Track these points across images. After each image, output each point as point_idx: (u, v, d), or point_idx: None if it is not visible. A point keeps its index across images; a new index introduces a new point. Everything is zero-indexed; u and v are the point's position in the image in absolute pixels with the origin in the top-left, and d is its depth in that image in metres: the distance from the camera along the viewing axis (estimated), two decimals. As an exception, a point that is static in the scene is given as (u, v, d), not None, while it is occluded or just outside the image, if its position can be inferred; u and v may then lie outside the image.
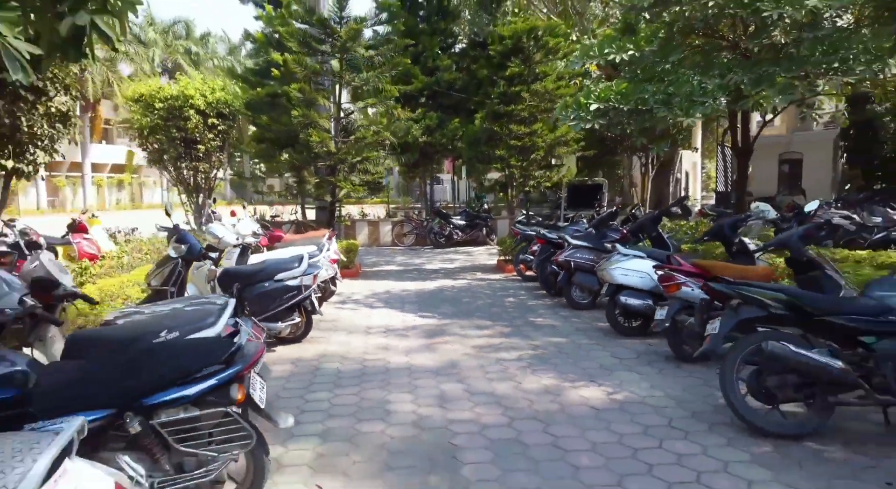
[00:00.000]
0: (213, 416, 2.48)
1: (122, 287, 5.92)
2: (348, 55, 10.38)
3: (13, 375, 2.27)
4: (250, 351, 2.65)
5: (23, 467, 1.49)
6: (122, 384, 2.36)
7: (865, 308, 3.47)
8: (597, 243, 7.31)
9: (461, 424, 3.85)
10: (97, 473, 1.72)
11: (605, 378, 4.72)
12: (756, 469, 3.14)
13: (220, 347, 2.55)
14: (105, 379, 2.40)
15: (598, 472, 3.16)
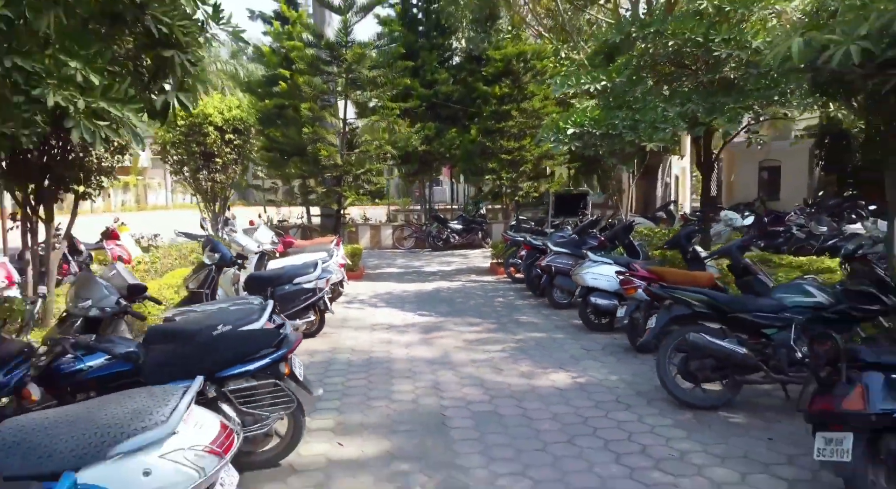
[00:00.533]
0: (266, 386, 3.41)
1: (159, 290, 6.84)
2: (353, 74, 11.31)
3: (130, 354, 3.22)
4: (292, 339, 3.58)
5: (172, 404, 2.42)
6: (202, 361, 3.29)
7: (766, 306, 4.41)
8: (574, 250, 8.24)
9: (451, 401, 4.79)
10: (209, 415, 2.65)
11: (572, 365, 5.66)
12: (675, 430, 4.08)
13: (272, 336, 3.49)
14: (190, 357, 3.33)
15: (555, 433, 4.10)
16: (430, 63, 16.57)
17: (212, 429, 2.54)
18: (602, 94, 7.89)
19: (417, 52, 16.73)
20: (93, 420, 2.31)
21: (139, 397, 2.48)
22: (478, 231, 16.69)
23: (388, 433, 4.17)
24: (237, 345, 3.44)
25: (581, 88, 7.90)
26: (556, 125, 7.79)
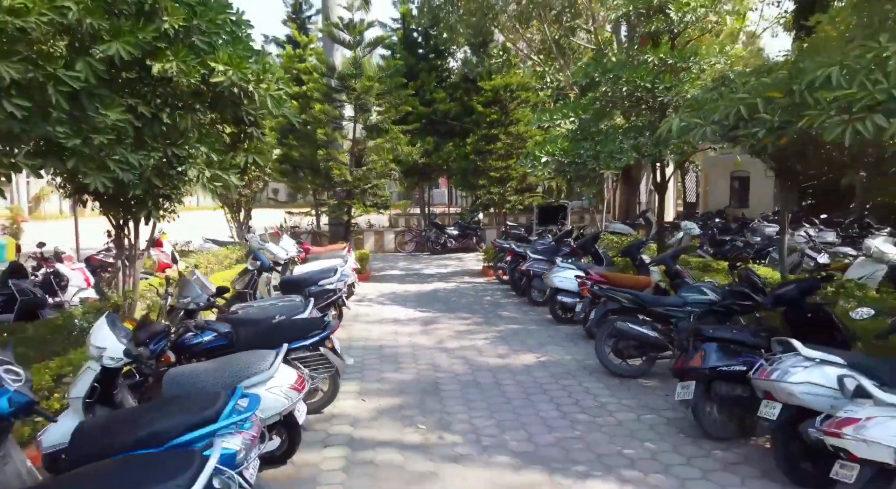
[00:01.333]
0: (315, 356, 4.99)
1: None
2: (362, 101, 12.91)
3: (227, 333, 4.81)
4: (332, 324, 5.17)
5: (270, 360, 4.01)
6: (276, 338, 4.86)
7: (673, 302, 6.01)
8: (549, 256, 9.84)
9: (443, 373, 6.38)
10: (290, 369, 4.23)
11: (538, 349, 7.26)
12: (603, 391, 5.68)
13: (319, 322, 5.08)
14: (266, 335, 4.91)
15: (517, 393, 5.69)
16: (429, 83, 18.20)
17: (292, 377, 4.12)
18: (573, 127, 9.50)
19: (417, 73, 18.35)
20: (229, 368, 3.90)
21: (251, 357, 4.08)
22: (472, 236, 18.31)
23: (397, 393, 5.76)
24: (297, 327, 5.03)
25: (554, 122, 9.51)
26: (533, 154, 9.39)
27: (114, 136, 3.68)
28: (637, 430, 4.75)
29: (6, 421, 2.96)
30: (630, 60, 8.84)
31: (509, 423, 4.97)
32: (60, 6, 3.18)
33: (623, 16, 9.44)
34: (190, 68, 3.94)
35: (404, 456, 4.40)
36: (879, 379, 3.39)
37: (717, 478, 3.95)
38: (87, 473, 2.63)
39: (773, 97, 4.50)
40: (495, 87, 13.52)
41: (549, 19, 15.77)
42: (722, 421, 4.44)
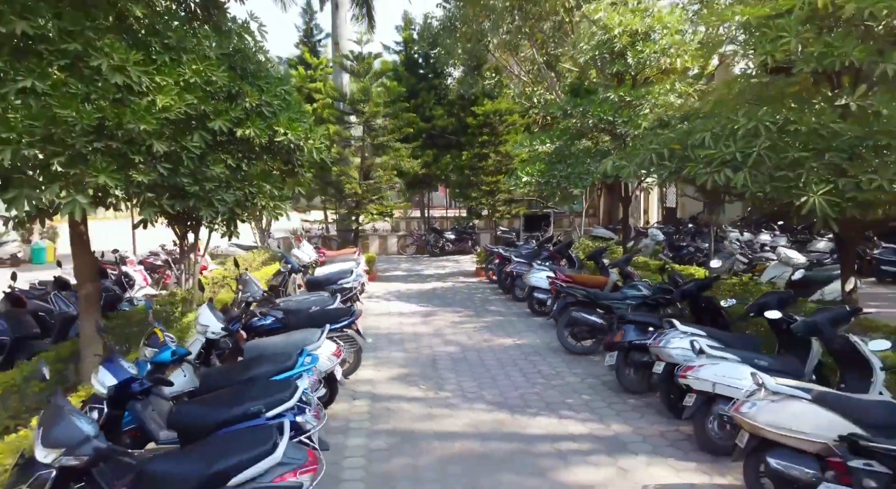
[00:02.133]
0: (345, 335, 6.77)
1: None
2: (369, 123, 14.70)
3: (282, 318, 6.60)
4: (357, 312, 6.95)
5: (318, 335, 5.78)
6: (318, 320, 6.64)
7: (616, 297, 7.80)
8: (530, 260, 11.61)
9: (439, 353, 8.16)
10: (330, 342, 6.00)
11: (516, 335, 9.03)
12: (560, 364, 7.46)
13: (348, 310, 6.85)
14: (310, 319, 6.69)
15: (495, 366, 7.46)
16: (429, 101, 20.01)
17: (332, 347, 5.90)
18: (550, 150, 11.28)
19: (418, 91, 20.17)
20: (291, 340, 5.68)
21: (305, 333, 5.85)
22: (468, 240, 20.10)
23: (403, 366, 7.54)
24: (332, 314, 6.80)
25: (533, 147, 11.30)
26: (516, 174, 11.18)
27: (216, 183, 5.42)
28: (579, 388, 6.53)
29: (164, 367, 4.75)
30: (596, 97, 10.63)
31: (487, 384, 6.75)
32: (190, 102, 4.91)
33: (591, 58, 11.19)
34: (261, 132, 5.67)
35: (410, 405, 6.18)
36: (725, 344, 5.19)
37: (626, 415, 5.72)
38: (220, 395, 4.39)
39: (674, 148, 6.28)
40: (486, 111, 15.33)
41: (536, 46, 17.54)
42: (635, 379, 6.22)
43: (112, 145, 4.64)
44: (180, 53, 5.29)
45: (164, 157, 4.92)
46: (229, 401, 4.11)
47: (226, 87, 5.47)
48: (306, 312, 7.03)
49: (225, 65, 5.57)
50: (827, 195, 4.97)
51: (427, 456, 4.95)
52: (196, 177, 5.32)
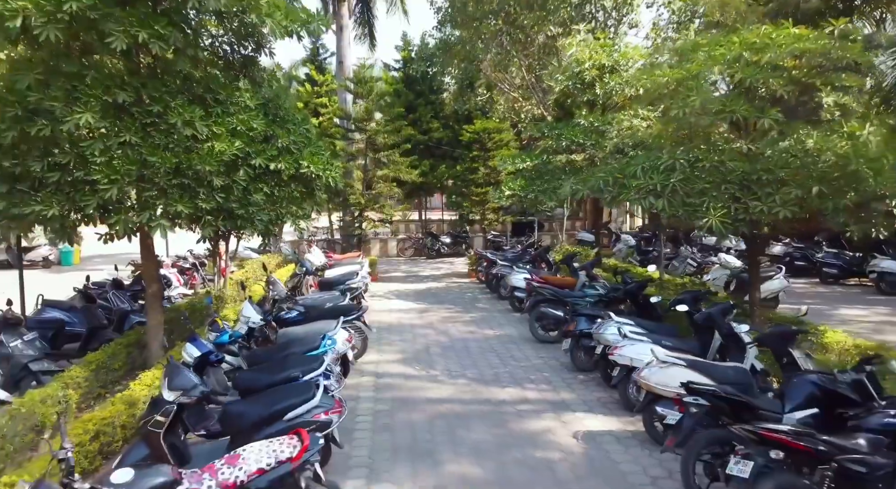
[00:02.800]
0: (355, 326, 8.36)
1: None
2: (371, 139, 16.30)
3: (303, 312, 8.20)
4: (364, 307, 8.53)
5: (334, 325, 7.37)
6: (331, 314, 8.22)
7: (577, 295, 9.39)
8: (513, 263, 13.19)
9: (431, 341, 9.75)
10: (344, 331, 7.58)
11: (497, 328, 10.62)
12: (529, 349, 9.05)
13: (357, 306, 8.44)
14: (326, 313, 8.27)
15: (477, 352, 9.05)
16: (426, 115, 21.61)
17: (346, 334, 7.48)
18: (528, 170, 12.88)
19: (416, 106, 21.77)
20: (314, 329, 7.26)
21: (324, 324, 7.43)
22: (462, 243, 21.72)
23: (401, 351, 9.13)
24: (344, 308, 8.38)
25: (515, 165, 12.89)
26: (499, 189, 12.76)
27: (257, 207, 6.98)
28: (541, 368, 8.13)
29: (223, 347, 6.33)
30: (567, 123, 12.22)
31: (468, 366, 8.34)
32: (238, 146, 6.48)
33: (564, 88, 12.77)
34: (290, 165, 7.24)
35: (406, 380, 7.77)
36: (648, 331, 6.78)
37: (574, 386, 7.30)
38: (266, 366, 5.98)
39: (617, 177, 7.87)
40: (476, 129, 16.96)
41: (524, 66, 19.14)
42: (584, 360, 7.80)
43: (185, 182, 6.23)
44: (228, 105, 6.90)
45: (220, 188, 6.50)
46: (274, 370, 5.69)
47: (263, 131, 7.05)
48: (323, 308, 8.61)
49: (261, 112, 7.18)
50: (722, 217, 6.57)
51: (419, 414, 6.54)
52: (242, 202, 6.89)
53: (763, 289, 10.40)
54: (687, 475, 4.32)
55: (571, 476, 5.01)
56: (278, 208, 7.56)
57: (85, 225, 6.57)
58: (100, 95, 5.84)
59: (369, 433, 6.04)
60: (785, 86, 6.72)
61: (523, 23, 17.22)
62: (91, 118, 5.70)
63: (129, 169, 5.87)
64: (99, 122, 5.81)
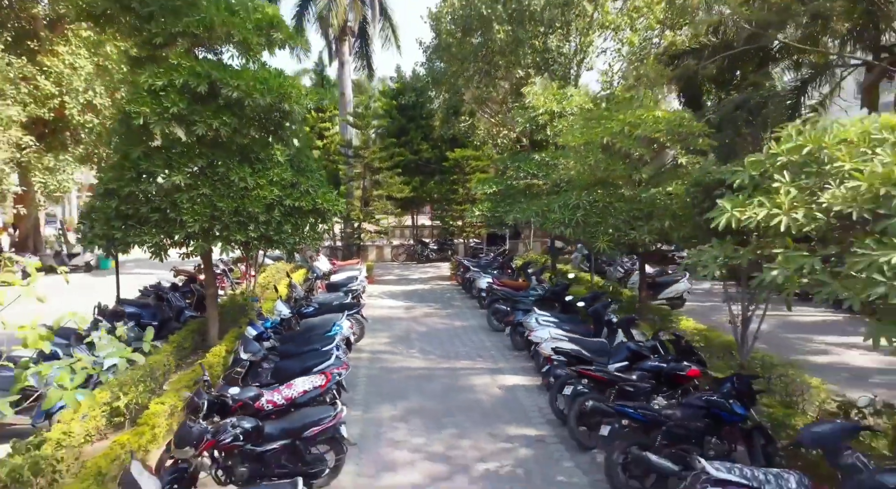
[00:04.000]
0: (356, 318, 11.31)
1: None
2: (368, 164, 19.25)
3: (317, 308, 11.16)
4: (362, 304, 11.48)
5: (341, 317, 10.32)
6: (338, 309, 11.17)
7: (522, 295, 12.35)
8: (485, 269, 16.15)
9: (412, 330, 12.70)
10: (347, 321, 10.52)
11: (465, 320, 13.58)
12: (484, 336, 12.00)
13: (357, 303, 11.39)
14: (334, 308, 11.22)
15: (447, 338, 12.00)
16: (416, 138, 24.57)
17: (349, 323, 10.42)
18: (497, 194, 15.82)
19: (408, 130, 24.73)
20: (326, 319, 10.21)
21: (333, 316, 10.38)
22: (448, 249, 24.68)
23: (389, 337, 12.08)
24: (348, 305, 11.33)
25: (486, 190, 15.84)
26: (472, 210, 15.71)
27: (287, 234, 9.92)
28: (490, 349, 11.08)
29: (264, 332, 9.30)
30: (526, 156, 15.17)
31: (437, 346, 11.29)
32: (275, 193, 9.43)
33: (523, 127, 15.71)
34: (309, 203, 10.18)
35: (391, 356, 10.72)
36: (559, 320, 9.75)
37: (509, 360, 10.26)
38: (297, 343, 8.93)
39: (543, 210, 10.82)
40: (456, 157, 19.91)
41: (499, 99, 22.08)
42: (520, 342, 10.74)
43: (240, 219, 9.18)
44: (266, 162, 9.85)
45: (263, 222, 9.45)
46: (303, 344, 8.66)
47: (290, 180, 10.00)
48: (331, 304, 11.55)
49: (289, 165, 10.12)
50: (608, 242, 9.53)
51: (397, 375, 9.49)
52: (277, 231, 9.85)
53: (671, 290, 13.44)
54: (553, 401, 7.29)
55: (489, 407, 7.98)
56: (301, 233, 10.53)
57: (172, 248, 9.51)
58: (185, 163, 8.80)
59: (364, 386, 8.99)
60: (648, 151, 9.69)
61: (498, 63, 20.14)
62: (180, 179, 8.66)
63: (204, 211, 8.83)
64: (185, 181, 8.76)
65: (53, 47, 20.64)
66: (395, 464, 6.35)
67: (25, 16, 21.15)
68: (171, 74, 8.45)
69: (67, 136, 21.72)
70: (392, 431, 7.23)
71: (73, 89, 19.89)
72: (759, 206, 4.60)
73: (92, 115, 20.65)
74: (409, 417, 7.69)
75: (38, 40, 20.77)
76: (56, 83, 20.03)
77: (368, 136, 18.91)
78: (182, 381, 7.63)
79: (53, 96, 19.90)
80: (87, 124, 20.45)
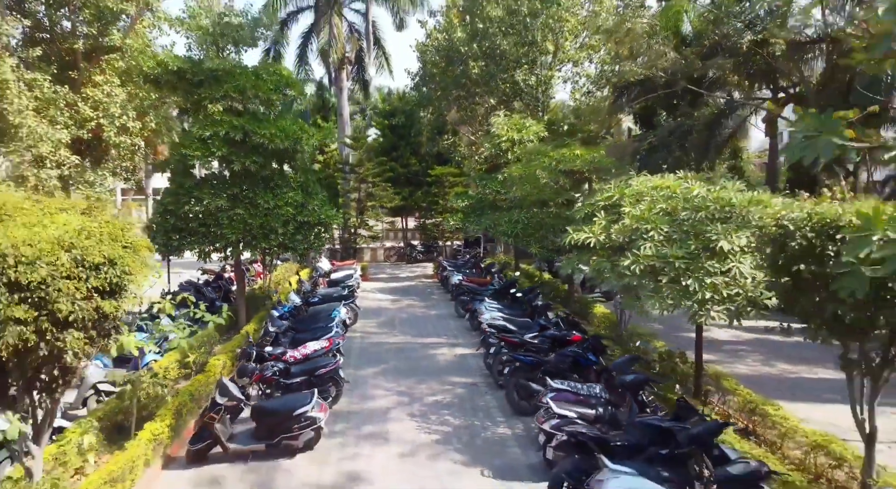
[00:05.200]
0: (351, 307, 14.45)
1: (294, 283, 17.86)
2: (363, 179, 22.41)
3: (320, 298, 14.33)
4: (357, 296, 14.62)
5: (339, 306, 13.47)
6: (337, 299, 14.31)
7: (481, 289, 15.51)
8: (461, 268, 19.29)
9: (397, 317, 15.84)
10: (344, 308, 13.66)
11: (438, 309, 16.73)
12: (451, 322, 15.16)
13: (352, 295, 14.54)
14: (334, 299, 14.36)
15: (423, 322, 15.14)
16: (406, 153, 27.72)
17: (345, 310, 13.57)
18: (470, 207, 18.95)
19: (398, 146, 27.88)
20: (328, 307, 13.35)
21: (333, 303, 13.54)
22: (433, 251, 27.84)
23: (378, 322, 15.21)
24: (346, 296, 14.47)
25: (461, 202, 18.97)
26: (448, 220, 18.85)
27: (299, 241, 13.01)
28: (453, 330, 14.22)
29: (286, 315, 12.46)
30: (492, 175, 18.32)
31: (414, 328, 14.43)
32: (291, 212, 12.54)
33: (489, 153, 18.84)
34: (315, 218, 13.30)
35: (378, 335, 13.86)
36: (503, 307, 12.91)
37: (467, 337, 13.39)
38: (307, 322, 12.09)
39: (495, 223, 13.95)
40: (437, 174, 23.08)
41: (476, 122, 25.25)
42: (475, 324, 13.87)
43: (265, 232, 12.32)
44: (283, 187, 12.98)
45: (281, 234, 12.60)
46: (311, 323, 11.81)
47: (301, 201, 13.15)
48: (332, 296, 14.68)
49: (300, 188, 13.26)
50: (539, 248, 12.69)
51: (381, 348, 12.63)
52: (291, 241, 12.99)
53: (604, 285, 16.62)
54: (485, 359, 10.44)
55: (444, 367, 11.13)
56: (308, 241, 13.67)
57: (213, 253, 12.60)
58: (224, 190, 11.95)
59: (356, 355, 12.14)
60: (570, 180, 12.84)
61: (475, 91, 23.28)
62: (222, 203, 11.80)
63: (238, 226, 11.97)
64: (225, 204, 11.91)
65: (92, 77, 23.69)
66: (374, 397, 9.51)
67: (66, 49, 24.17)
68: (215, 127, 11.59)
69: (102, 153, 24.80)
70: (374, 380, 10.38)
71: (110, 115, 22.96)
72: (582, 231, 7.76)
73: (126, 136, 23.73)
74: (386, 373, 10.85)
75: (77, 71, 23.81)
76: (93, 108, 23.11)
77: (362, 156, 22.07)
78: (228, 347, 10.77)
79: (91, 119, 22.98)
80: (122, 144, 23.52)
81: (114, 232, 5.24)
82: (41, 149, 19.63)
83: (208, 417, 7.02)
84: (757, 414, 7.35)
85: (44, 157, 19.93)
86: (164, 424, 7.25)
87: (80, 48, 24.34)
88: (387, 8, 25.59)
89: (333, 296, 14.69)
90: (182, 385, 8.98)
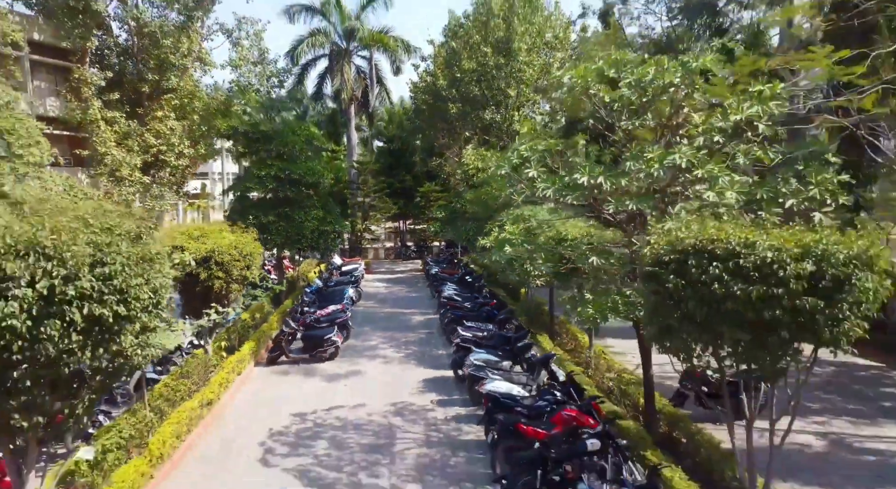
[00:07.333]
0: (357, 289, 20.32)
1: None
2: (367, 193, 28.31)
3: (335, 283, 20.25)
4: (361, 282, 20.50)
5: (349, 289, 19.35)
6: (347, 284, 20.19)
7: (449, 277, 21.37)
8: (439, 263, 25.13)
9: (389, 297, 21.70)
10: (352, 290, 19.52)
11: (420, 292, 22.56)
12: (427, 301, 21.00)
13: (357, 282, 20.42)
14: (345, 284, 20.25)
15: (406, 301, 20.99)
16: (402, 172, 33.63)
17: (353, 290, 19.45)
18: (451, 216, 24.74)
19: (395, 165, 33.79)
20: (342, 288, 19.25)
21: (345, 287, 19.43)
22: (424, 250, 33.73)
23: (375, 301, 21.08)
24: (352, 281, 20.35)
25: (440, 214, 24.77)
26: (430, 227, 24.67)
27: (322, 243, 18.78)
28: (427, 305, 20.06)
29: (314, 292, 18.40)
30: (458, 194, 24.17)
31: (400, 304, 20.28)
32: (317, 223, 18.31)
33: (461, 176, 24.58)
34: (331, 227, 19.10)
35: (375, 309, 19.74)
36: (460, 291, 18.77)
37: (434, 309, 19.25)
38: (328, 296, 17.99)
39: (459, 232, 19.75)
40: (423, 191, 29.00)
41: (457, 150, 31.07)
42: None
43: (298, 237, 18.25)
44: (309, 206, 18.94)
45: (311, 238, 18.52)
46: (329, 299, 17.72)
47: (322, 216, 19.08)
48: (343, 282, 20.55)
49: (321, 207, 19.20)
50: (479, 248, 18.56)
51: (377, 316, 18.49)
52: (317, 242, 18.90)
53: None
54: (441, 320, 16.29)
55: (415, 325, 17.02)
56: (327, 244, 19.54)
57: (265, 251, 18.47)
58: (272, 210, 17.91)
59: (360, 320, 18.01)
60: (505, 203, 18.68)
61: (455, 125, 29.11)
62: (271, 217, 17.78)
63: (282, 233, 17.92)
64: (272, 218, 17.85)
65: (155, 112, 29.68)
66: (369, 338, 15.41)
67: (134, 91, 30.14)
68: (268, 168, 17.51)
69: (162, 174, 30.84)
70: (370, 333, 16.25)
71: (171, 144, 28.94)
72: (487, 238, 13.58)
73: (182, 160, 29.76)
74: (377, 328, 16.74)
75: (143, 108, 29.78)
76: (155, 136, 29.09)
77: (367, 177, 27.96)
78: (277, 311, 16.68)
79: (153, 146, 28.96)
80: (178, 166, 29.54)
81: (243, 240, 11.14)
82: (122, 172, 25.82)
83: (281, 338, 12.92)
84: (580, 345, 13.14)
85: (123, 178, 26.08)
86: (253, 344, 13.15)
87: (145, 90, 30.55)
88: (386, 57, 31.50)
89: (344, 282, 20.57)
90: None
